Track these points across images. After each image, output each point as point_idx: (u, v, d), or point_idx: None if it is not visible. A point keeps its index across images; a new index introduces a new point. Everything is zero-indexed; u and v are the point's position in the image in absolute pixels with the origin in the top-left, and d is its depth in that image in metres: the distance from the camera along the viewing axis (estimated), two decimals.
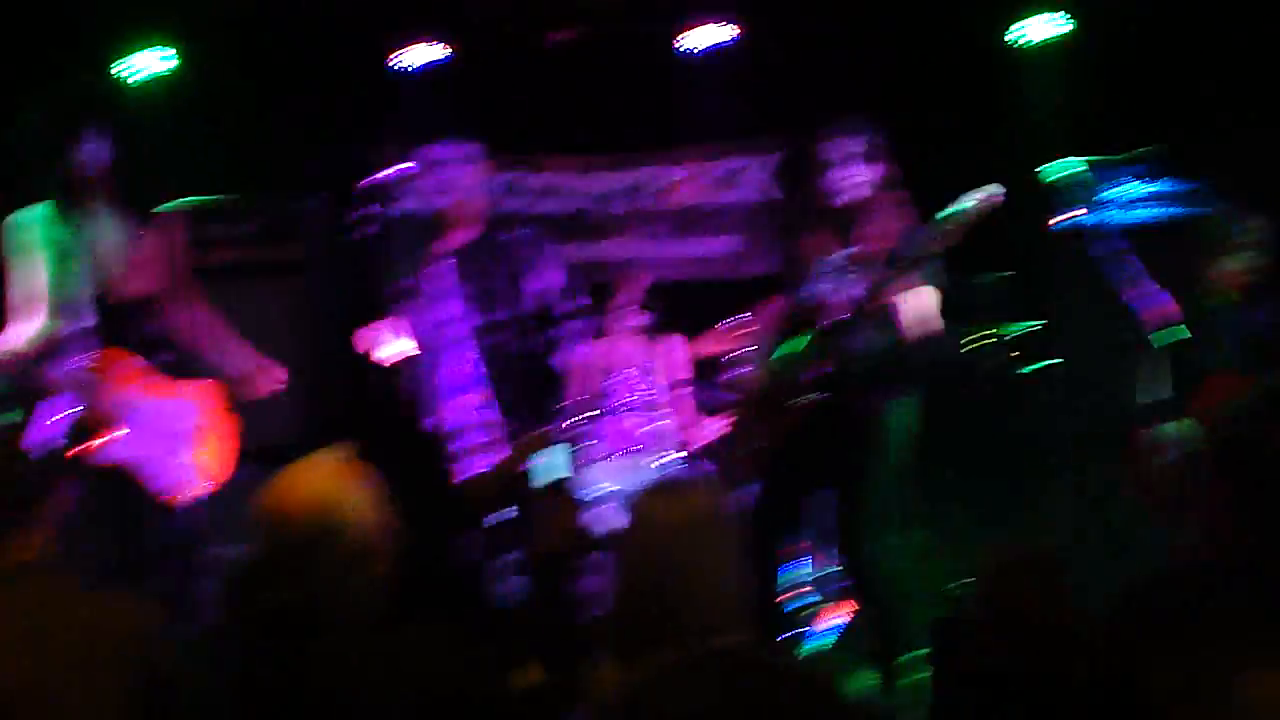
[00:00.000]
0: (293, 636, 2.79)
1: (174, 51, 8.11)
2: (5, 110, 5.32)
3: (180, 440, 5.31)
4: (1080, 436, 6.74)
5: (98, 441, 4.98)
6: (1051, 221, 6.64)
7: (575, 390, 7.84)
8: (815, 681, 1.63)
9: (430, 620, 2.86)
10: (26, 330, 5.12)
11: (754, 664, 1.70)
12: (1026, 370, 6.86)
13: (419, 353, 5.78)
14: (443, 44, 8.18)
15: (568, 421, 7.01)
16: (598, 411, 7.30)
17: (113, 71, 7.73)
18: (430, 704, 2.70)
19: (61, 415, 5.06)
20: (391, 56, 8.20)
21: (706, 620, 2.95)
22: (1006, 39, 7.68)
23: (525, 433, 5.58)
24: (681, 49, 8.11)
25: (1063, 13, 7.59)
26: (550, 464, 3.55)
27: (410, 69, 8.22)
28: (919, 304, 5.09)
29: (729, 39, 8.02)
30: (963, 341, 6.86)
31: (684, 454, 7.06)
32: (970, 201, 4.91)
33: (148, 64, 8.09)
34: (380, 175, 5.54)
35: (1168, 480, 5.25)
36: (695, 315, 7.48)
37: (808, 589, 6.71)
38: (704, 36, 8.04)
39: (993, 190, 4.92)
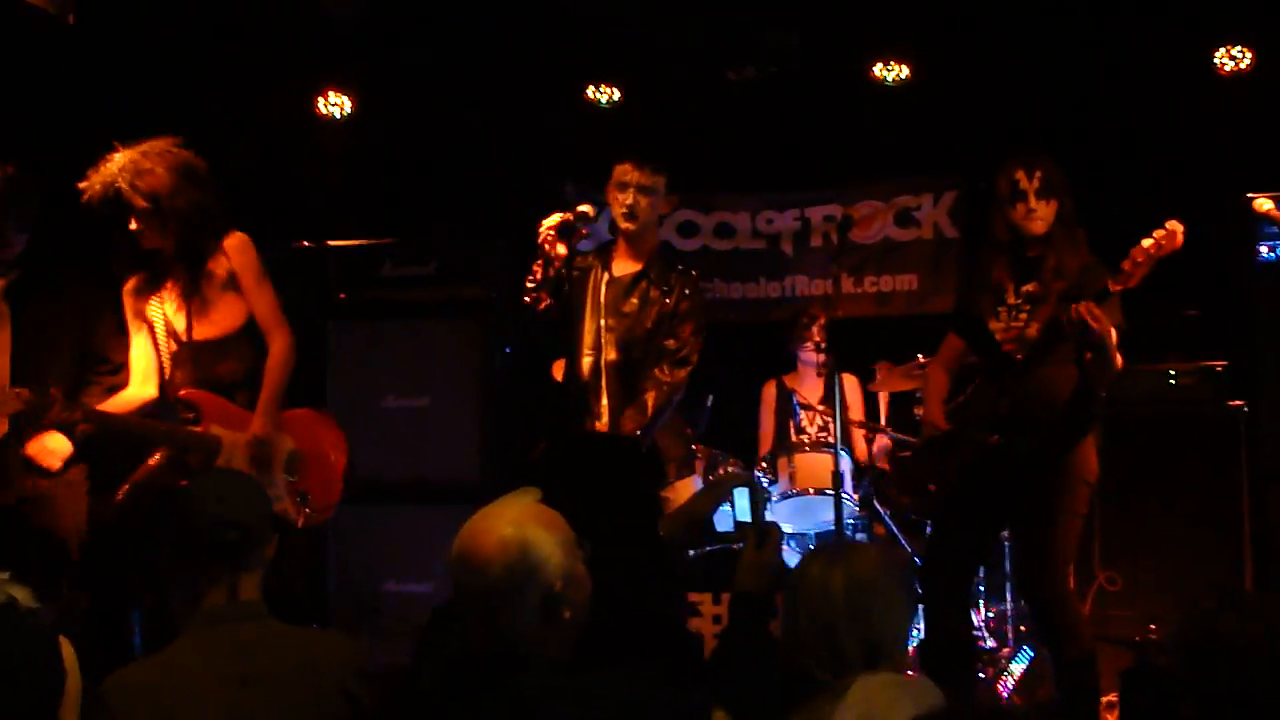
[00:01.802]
0: (486, 679, 2.84)
1: (359, 97, 8.32)
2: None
3: (276, 469, 5.31)
4: (1273, 475, 6.58)
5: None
6: (1250, 255, 6.55)
7: (762, 428, 7.88)
8: None
9: (624, 661, 2.90)
10: (123, 400, 5.34)
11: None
12: (1216, 408, 6.73)
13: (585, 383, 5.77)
14: (620, 84, 8.27)
15: (737, 461, 7.03)
16: (774, 451, 7.31)
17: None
18: None
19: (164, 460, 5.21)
20: (570, 96, 8.29)
21: (869, 658, 3.13)
22: (1194, 69, 7.53)
23: (705, 473, 5.58)
24: (856, 87, 8.07)
25: (1245, 44, 7.44)
26: (735, 504, 3.56)
27: (591, 109, 8.32)
28: (1112, 336, 5.00)
29: (905, 75, 7.98)
30: (1147, 380, 6.75)
31: (859, 494, 7.04)
32: (1149, 240, 4.82)
33: (334, 108, 8.32)
34: (561, 216, 5.54)
35: None
36: (871, 354, 7.46)
37: (988, 633, 6.65)
38: (878, 74, 8.01)
39: (1173, 226, 4.82)
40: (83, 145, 5.42)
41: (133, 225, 5.18)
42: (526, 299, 5.54)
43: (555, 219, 5.46)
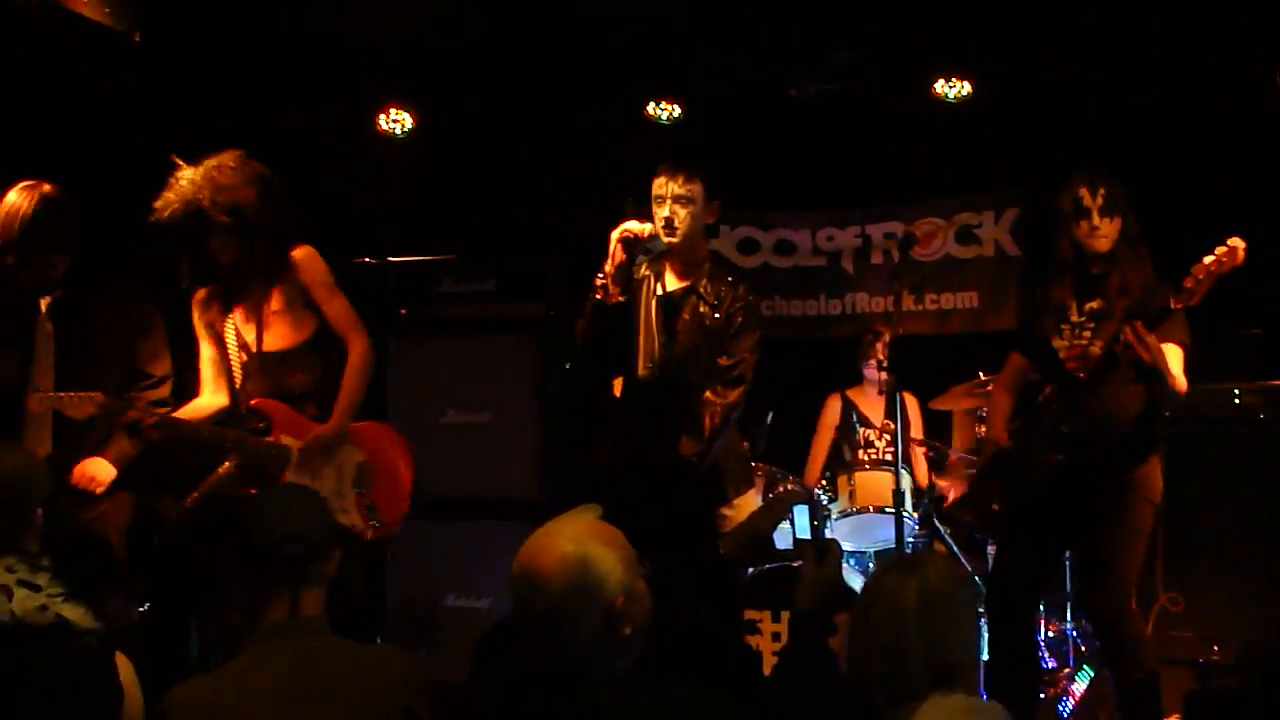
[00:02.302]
0: (547, 695, 2.85)
1: (419, 115, 8.37)
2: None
3: (345, 482, 5.34)
4: None
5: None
6: None
7: (817, 443, 7.85)
8: None
9: (684, 678, 2.90)
10: (196, 408, 5.39)
11: None
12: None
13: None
14: (681, 100, 8.27)
15: (797, 479, 7.01)
16: (834, 469, 7.30)
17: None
18: None
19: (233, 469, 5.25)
20: (630, 112, 8.30)
21: (942, 678, 3.05)
22: (1258, 84, 7.46)
23: (764, 491, 5.54)
24: (917, 103, 8.04)
25: None
26: (794, 522, 3.56)
27: (651, 125, 8.33)
28: (1164, 360, 4.97)
29: (967, 92, 7.94)
30: (1212, 398, 6.69)
31: (921, 514, 7.02)
32: (1210, 256, 4.78)
33: (395, 125, 8.38)
34: (639, 229, 5.44)
35: None
36: (931, 372, 7.44)
37: (1049, 653, 6.61)
38: (940, 90, 7.97)
39: (1235, 243, 4.77)
40: (142, 162, 5.46)
41: (213, 243, 5.20)
42: (597, 295, 5.44)
43: (635, 227, 5.41)
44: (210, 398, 5.43)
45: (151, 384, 5.47)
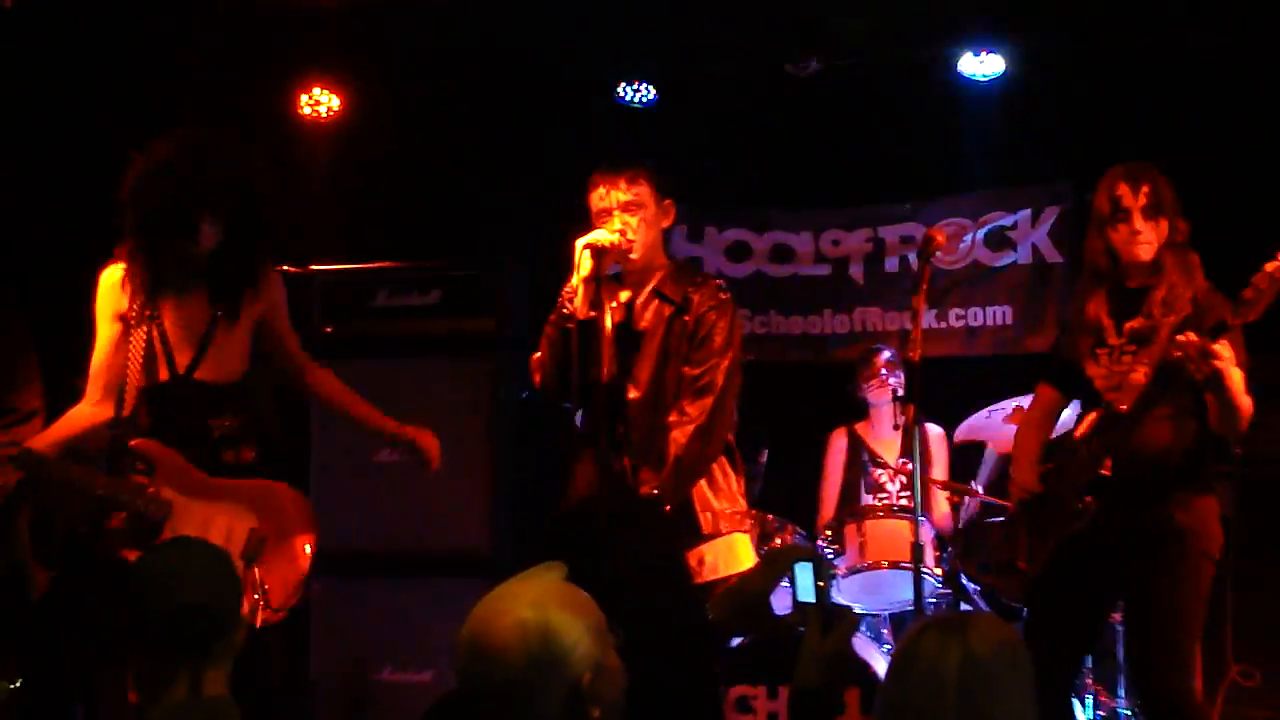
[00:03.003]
0: None
1: (349, 95, 8.36)
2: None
3: (231, 552, 5.14)
4: None
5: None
6: None
7: (826, 487, 7.85)
8: None
9: None
10: (73, 419, 5.21)
11: None
12: None
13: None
14: (657, 80, 8.29)
15: (797, 530, 7.01)
16: (840, 517, 7.29)
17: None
18: None
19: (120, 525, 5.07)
20: (598, 96, 8.33)
21: None
22: None
23: (758, 544, 5.54)
24: (940, 83, 8.06)
25: None
26: (796, 582, 3.55)
27: (622, 110, 8.37)
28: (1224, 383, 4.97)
29: (997, 71, 7.96)
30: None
31: (944, 568, 7.02)
32: (1273, 262, 4.78)
33: (319, 107, 8.37)
34: (608, 239, 5.46)
35: None
36: (956, 400, 7.45)
37: None
38: (967, 68, 7.99)
39: None
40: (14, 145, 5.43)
41: (192, 238, 5.10)
42: (564, 310, 5.46)
43: (604, 237, 5.42)
44: (96, 406, 5.22)
45: (20, 418, 5.40)
